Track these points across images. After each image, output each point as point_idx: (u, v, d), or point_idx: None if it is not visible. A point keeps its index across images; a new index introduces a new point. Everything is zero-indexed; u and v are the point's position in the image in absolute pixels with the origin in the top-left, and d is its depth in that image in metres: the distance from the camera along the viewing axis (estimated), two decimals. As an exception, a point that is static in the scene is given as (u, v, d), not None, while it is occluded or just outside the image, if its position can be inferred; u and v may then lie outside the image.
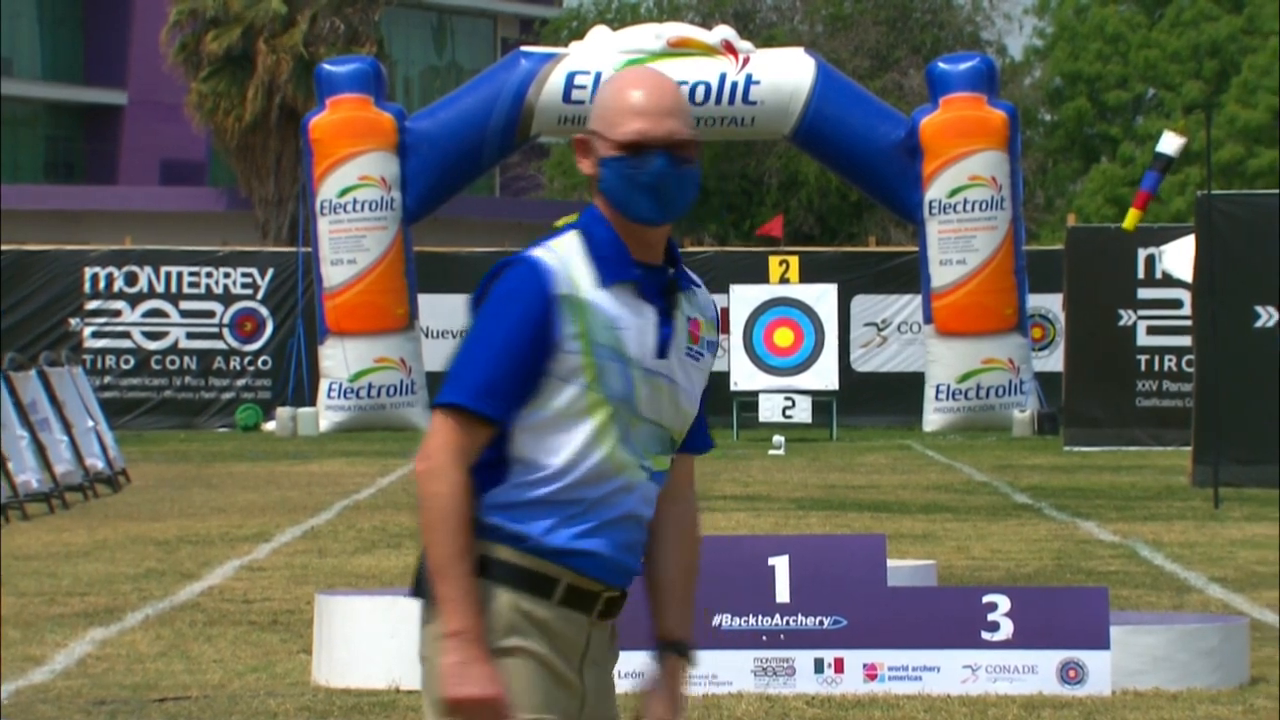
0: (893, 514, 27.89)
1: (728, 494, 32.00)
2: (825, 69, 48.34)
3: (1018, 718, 13.91)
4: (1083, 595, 15.80)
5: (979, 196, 46.55)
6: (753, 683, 14.66)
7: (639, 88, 6.23)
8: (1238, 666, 15.22)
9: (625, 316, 6.42)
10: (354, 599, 16.33)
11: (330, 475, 35.35)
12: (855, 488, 33.10)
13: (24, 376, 31.01)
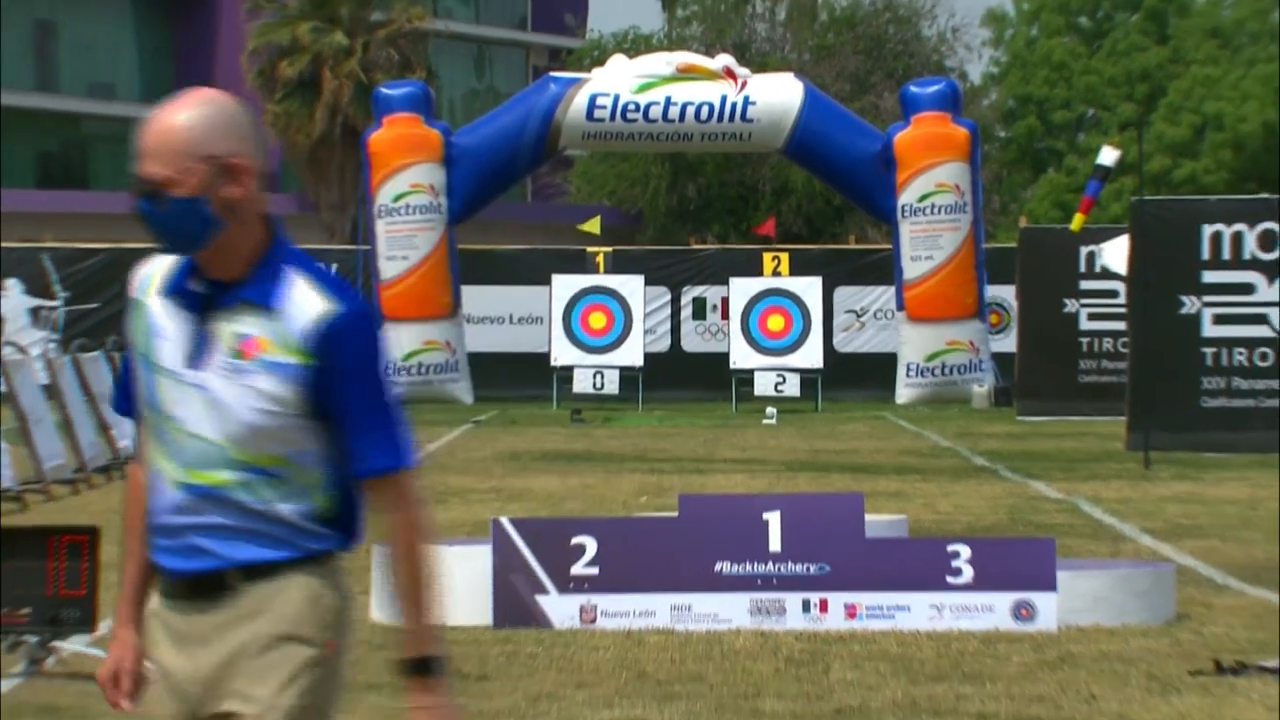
0: (870, 475, 27.86)
1: (727, 458, 31.98)
2: (812, 92, 48.23)
3: (977, 650, 13.90)
4: (1033, 545, 15.78)
5: (945, 201, 46.40)
6: (749, 621, 14.65)
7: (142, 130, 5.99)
8: (1166, 605, 15.24)
9: (167, 326, 6.10)
10: (405, 548, 16.30)
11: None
12: (837, 453, 33.09)
13: (122, 356, 30.92)
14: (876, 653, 13.82)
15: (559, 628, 14.62)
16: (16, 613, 12.88)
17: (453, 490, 26.01)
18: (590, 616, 14.71)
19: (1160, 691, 12.58)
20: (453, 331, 47.38)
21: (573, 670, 13.24)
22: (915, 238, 46.91)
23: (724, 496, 20.49)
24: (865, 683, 12.85)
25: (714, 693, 12.53)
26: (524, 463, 30.89)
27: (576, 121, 47.01)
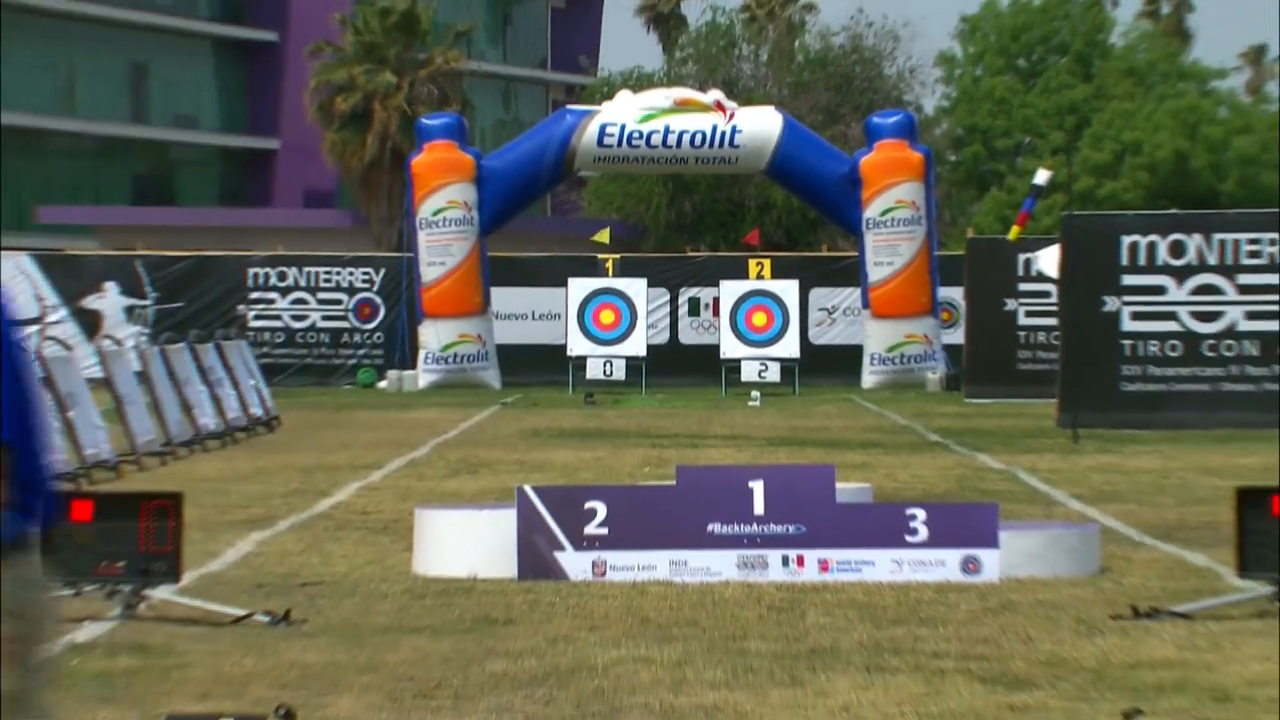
0: (839, 449, 27.82)
1: (718, 434, 31.94)
2: (790, 122, 48.29)
3: (931, 599, 13.87)
4: (979, 509, 15.73)
5: (903, 216, 46.46)
6: (736, 574, 14.61)
7: None
8: (1092, 560, 15.22)
9: None
10: (443, 511, 16.28)
11: (426, 420, 35.31)
12: (812, 430, 33.04)
13: (204, 348, 31.03)
14: (845, 601, 13.79)
15: (574, 580, 14.60)
16: (113, 565, 12.89)
17: (483, 462, 26.01)
18: (601, 570, 14.69)
19: (1087, 633, 12.57)
20: (483, 326, 47.41)
21: (586, 616, 13.22)
22: (878, 246, 46.99)
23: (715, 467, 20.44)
24: (836, 626, 12.83)
25: (706, 635, 12.51)
26: (544, 439, 30.86)
27: (589, 147, 47.06)
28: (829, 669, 11.39)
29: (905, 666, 11.46)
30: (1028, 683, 11.01)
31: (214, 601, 13.33)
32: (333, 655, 11.80)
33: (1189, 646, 12.11)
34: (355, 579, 15.04)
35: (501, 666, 11.43)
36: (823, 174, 47.60)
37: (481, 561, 14.91)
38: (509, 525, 14.86)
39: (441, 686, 10.88)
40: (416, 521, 15.82)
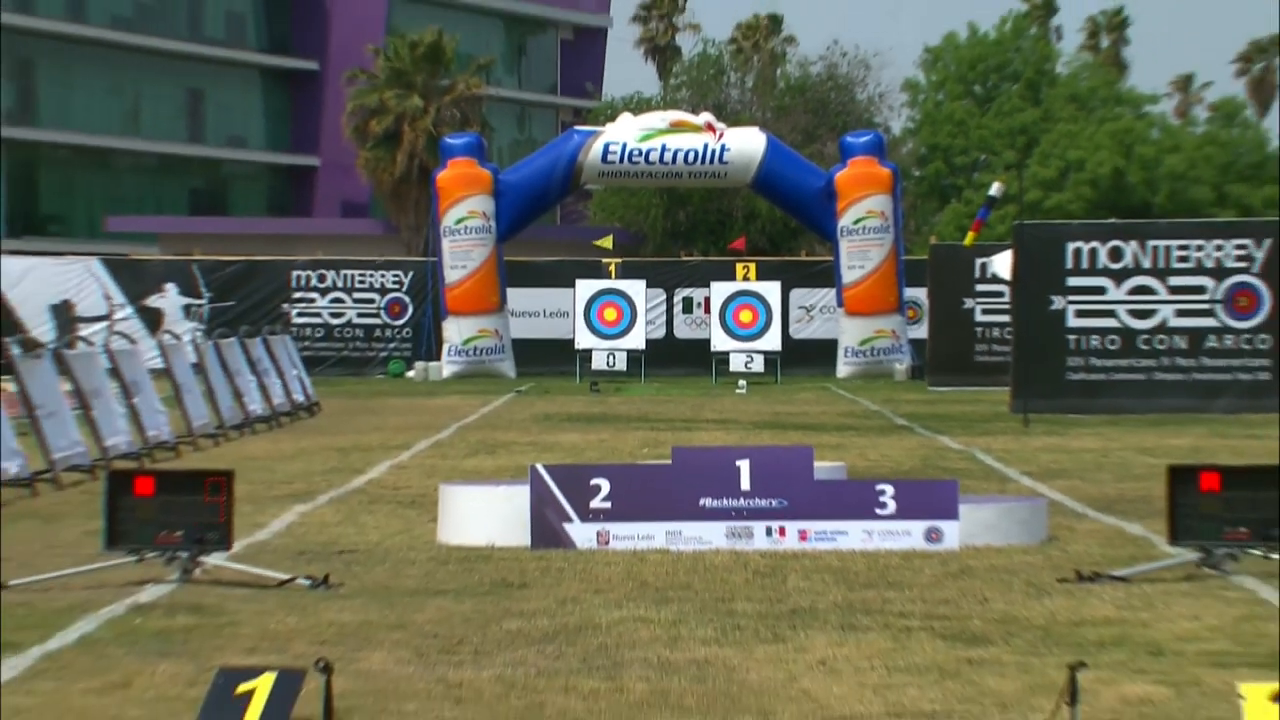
0: (817, 432, 27.82)
1: (709, 418, 31.93)
2: (773, 141, 48.25)
3: (898, 565, 13.86)
4: (940, 485, 15.73)
5: (874, 225, 46.41)
6: (725, 543, 14.60)
7: None
8: (1040, 530, 15.23)
9: None
10: (464, 487, 16.29)
11: (449, 406, 35.31)
12: (792, 414, 33.04)
13: (253, 342, 31.02)
14: (822, 566, 13.78)
15: (581, 548, 14.59)
16: (172, 535, 12.88)
17: (500, 443, 25.99)
18: (604, 540, 14.67)
19: (1036, 595, 12.55)
20: (500, 322, 47.40)
21: (591, 580, 13.21)
22: (851, 252, 46.99)
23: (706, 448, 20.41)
24: (813, 589, 12.81)
25: (698, 597, 12.49)
26: (554, 422, 30.85)
27: (594, 163, 47.04)
28: (807, 627, 11.38)
29: (875, 625, 11.45)
30: (984, 639, 11.00)
31: (261, 567, 13.33)
32: (366, 615, 11.79)
33: (1126, 606, 12.11)
34: (386, 547, 15.03)
35: (516, 625, 11.42)
36: (802, 187, 47.60)
37: (498, 532, 14.91)
38: (523, 500, 14.85)
39: (463, 643, 10.87)
40: (440, 496, 15.82)
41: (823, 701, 9.33)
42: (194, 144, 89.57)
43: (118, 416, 23.18)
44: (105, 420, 22.49)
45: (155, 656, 10.43)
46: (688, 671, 10.04)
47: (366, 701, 9.17)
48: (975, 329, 42.44)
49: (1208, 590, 12.71)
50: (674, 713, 9.07)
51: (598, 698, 9.40)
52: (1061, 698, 8.37)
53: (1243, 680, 9.03)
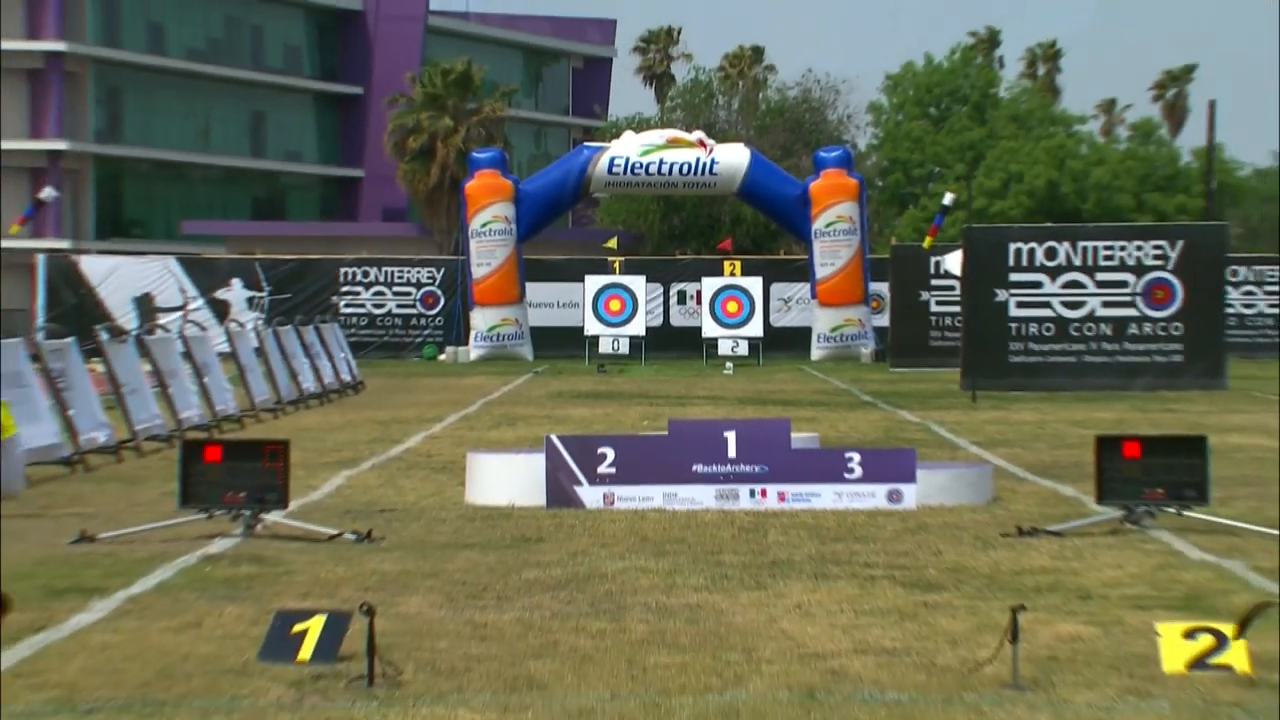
0: (794, 407, 27.79)
1: (700, 395, 31.91)
2: (756, 155, 48.23)
3: (864, 522, 13.84)
4: (900, 453, 15.70)
5: (843, 228, 46.36)
6: (714, 503, 14.58)
7: None
8: (986, 491, 15.23)
9: None
10: (488, 455, 16.26)
11: (476, 385, 35.30)
12: (772, 392, 33.02)
13: (306, 329, 31.01)
14: (798, 524, 13.77)
15: (589, 508, 14.58)
16: (237, 495, 12.88)
17: (520, 416, 25.98)
18: (610, 500, 14.66)
19: (982, 547, 12.55)
20: (520, 312, 47.35)
21: (598, 535, 13.20)
22: (823, 251, 46.94)
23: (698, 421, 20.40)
24: (791, 543, 12.80)
25: (691, 550, 12.48)
26: (566, 399, 30.84)
27: (601, 175, 47.00)
28: (785, 576, 11.37)
29: (844, 574, 11.43)
30: (937, 586, 10.99)
31: (313, 523, 13.32)
32: (404, 565, 11.78)
33: (1060, 557, 12.10)
34: (421, 507, 15.02)
35: (534, 574, 11.41)
36: (781, 195, 47.56)
37: (518, 493, 14.90)
38: (539, 466, 14.84)
39: (487, 590, 10.86)
40: (468, 462, 15.81)
41: (799, 640, 9.32)
42: (256, 158, 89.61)
43: (191, 393, 23.19)
44: (180, 396, 22.52)
45: (222, 600, 10.43)
46: (682, 614, 10.03)
47: (404, 640, 9.16)
48: (930, 318, 42.41)
49: (1129, 543, 12.72)
50: (670, 651, 9.06)
51: (604, 637, 9.39)
52: (1005, 636, 8.36)
53: (1159, 620, 9.04)
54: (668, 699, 7.98)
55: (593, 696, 8.04)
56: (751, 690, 8.18)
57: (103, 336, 21.94)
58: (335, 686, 8.21)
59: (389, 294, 49.77)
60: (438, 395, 31.75)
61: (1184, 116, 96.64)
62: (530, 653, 8.99)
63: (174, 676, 8.46)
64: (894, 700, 7.98)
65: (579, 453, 14.83)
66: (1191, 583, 11.10)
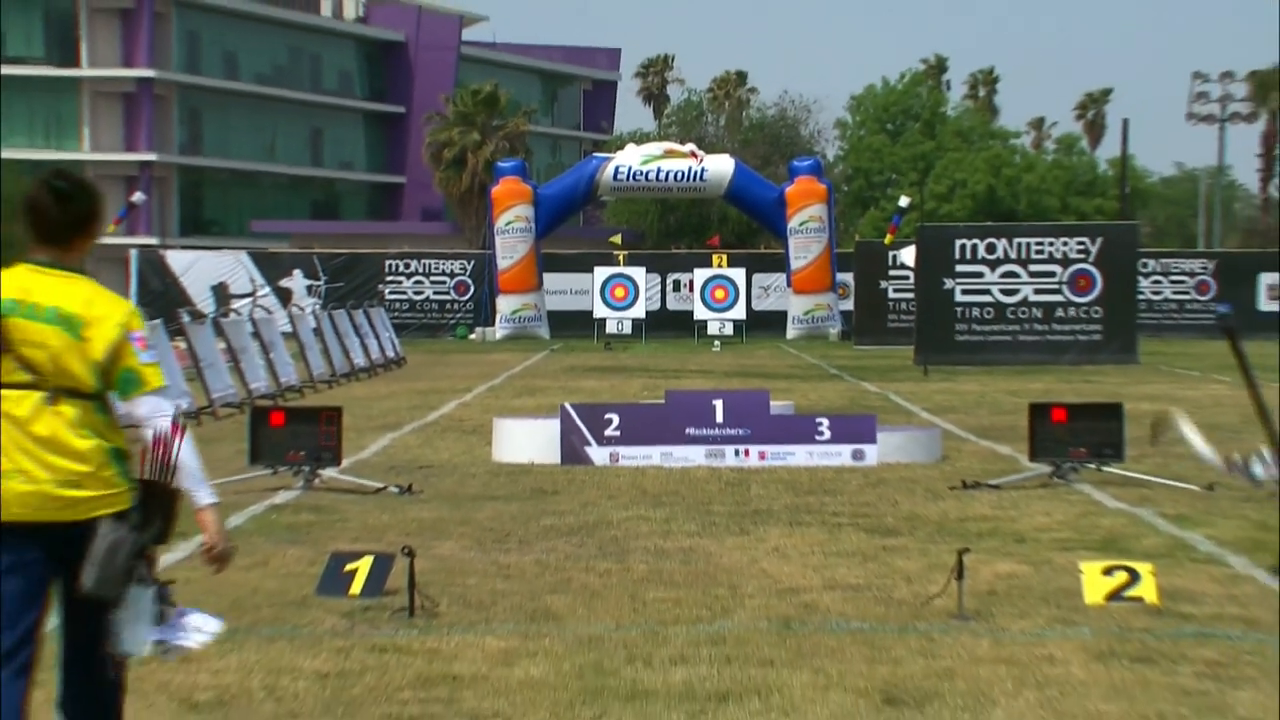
0: (772, 379, 27.73)
1: (692, 369, 31.85)
2: (740, 165, 48.20)
3: (832, 478, 13.82)
4: (863, 418, 15.67)
5: (814, 226, 46.28)
6: (704, 461, 14.55)
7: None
8: (936, 451, 15.20)
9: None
10: (511, 420, 16.23)
11: (501, 360, 35.25)
12: (754, 367, 32.97)
13: (357, 313, 30.97)
14: (776, 479, 13.74)
15: (598, 465, 14.55)
16: (298, 454, 12.87)
17: (538, 387, 25.94)
18: (615, 459, 14.63)
19: (933, 499, 12.52)
20: (538, 298, 47.28)
21: (605, 488, 13.17)
22: (797, 246, 46.83)
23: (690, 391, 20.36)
24: (770, 496, 12.77)
25: (684, 501, 12.45)
26: (578, 372, 30.80)
27: (607, 181, 46.94)
28: (765, 523, 11.34)
29: (815, 522, 11.41)
30: (895, 531, 10.96)
31: (362, 478, 13.29)
32: (439, 514, 11.75)
33: (999, 507, 12.08)
34: (454, 464, 14.99)
35: (550, 522, 11.38)
36: (761, 198, 47.52)
37: (537, 452, 14.86)
38: (555, 429, 14.82)
39: (510, 535, 10.83)
40: (494, 426, 15.78)
41: (776, 577, 9.29)
42: (314, 167, 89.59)
43: (259, 367, 23.19)
44: (250, 370, 22.52)
45: (286, 543, 10.41)
46: (676, 556, 10.00)
47: (439, 578, 9.13)
48: (888, 303, 42.29)
49: (1057, 494, 12.70)
50: (667, 587, 9.03)
51: (610, 575, 9.36)
52: (951, 574, 8.33)
53: (1082, 559, 9.03)
54: (664, 628, 7.95)
55: (600, 626, 8.02)
56: (736, 621, 8.15)
57: (185, 319, 21.97)
58: (381, 617, 8.19)
59: (427, 282, 49.65)
60: (468, 369, 31.72)
61: (1102, 132, 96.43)
62: (547, 589, 8.96)
63: (244, 608, 8.45)
64: (858, 629, 7.95)
65: (589, 418, 14.81)
66: (1109, 528, 11.08)
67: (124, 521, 4.88)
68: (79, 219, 5.01)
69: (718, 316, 45.84)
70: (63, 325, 4.88)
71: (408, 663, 7.31)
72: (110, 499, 4.91)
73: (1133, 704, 6.69)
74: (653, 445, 14.65)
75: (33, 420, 4.86)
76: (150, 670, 6.90)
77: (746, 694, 6.76)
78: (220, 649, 7.43)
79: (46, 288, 4.92)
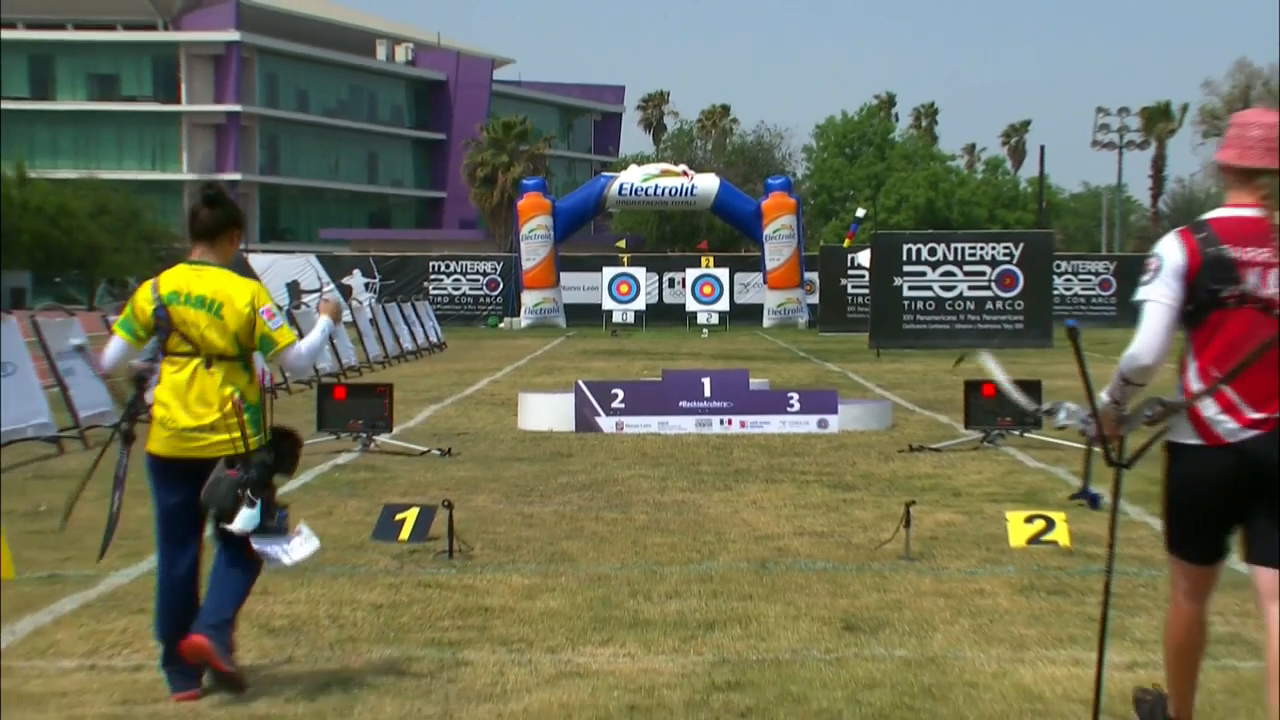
0: (751, 361, 27.65)
1: (685, 353, 31.76)
2: (724, 182, 48.15)
3: (801, 442, 13.76)
4: (826, 392, 15.58)
5: (785, 233, 46.21)
6: (694, 429, 14.49)
7: None
8: (887, 420, 15.13)
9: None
10: (534, 395, 16.15)
11: (525, 345, 35.20)
12: (735, 351, 32.90)
13: (406, 305, 30.87)
14: (754, 444, 13.69)
15: (606, 433, 14.50)
16: (357, 423, 12.84)
17: (556, 368, 25.87)
18: (620, 427, 14.58)
19: (884, 460, 12.46)
20: (556, 294, 47.19)
21: (612, 451, 13.12)
22: (771, 250, 46.72)
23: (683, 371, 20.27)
24: (749, 458, 12.72)
25: (677, 462, 12.40)
26: (589, 355, 30.73)
27: (614, 196, 46.86)
28: (745, 480, 11.30)
29: (787, 479, 11.36)
30: (854, 487, 10.92)
31: (410, 443, 13.24)
32: (474, 473, 11.71)
33: (939, 466, 12.03)
34: (486, 431, 14.93)
35: (566, 479, 11.34)
36: (741, 210, 47.46)
37: (555, 422, 14.81)
38: (570, 402, 14.77)
39: (533, 490, 10.79)
40: (520, 400, 15.71)
41: (754, 526, 9.25)
42: (370, 185, 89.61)
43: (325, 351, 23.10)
44: (317, 353, 22.44)
45: (346, 496, 10.37)
46: (671, 508, 9.97)
47: (474, 526, 9.10)
48: (848, 297, 42.07)
49: (986, 456, 12.65)
50: (663, 534, 8.99)
51: (616, 524, 9.32)
52: (900, 522, 8.30)
53: (1007, 510, 8.98)
54: (661, 568, 7.92)
55: (608, 566, 7.98)
56: (721, 562, 8.11)
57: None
58: (425, 558, 8.16)
59: (464, 280, 49.58)
60: (498, 353, 31.67)
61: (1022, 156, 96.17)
62: (563, 535, 8.92)
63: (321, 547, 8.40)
64: (822, 568, 7.91)
65: (598, 393, 14.76)
66: (1030, 483, 11.04)
67: (234, 464, 5.47)
68: (222, 220, 5.64)
69: (706, 308, 45.74)
70: (205, 308, 5.51)
71: (447, 596, 7.28)
72: (229, 444, 5.49)
73: (1049, 628, 6.67)
74: (651, 416, 14.61)
75: (190, 381, 5.50)
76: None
77: (730, 623, 6.73)
78: (292, 584, 7.41)
79: (196, 280, 5.56)
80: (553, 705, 5.50)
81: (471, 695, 5.66)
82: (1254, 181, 4.58)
